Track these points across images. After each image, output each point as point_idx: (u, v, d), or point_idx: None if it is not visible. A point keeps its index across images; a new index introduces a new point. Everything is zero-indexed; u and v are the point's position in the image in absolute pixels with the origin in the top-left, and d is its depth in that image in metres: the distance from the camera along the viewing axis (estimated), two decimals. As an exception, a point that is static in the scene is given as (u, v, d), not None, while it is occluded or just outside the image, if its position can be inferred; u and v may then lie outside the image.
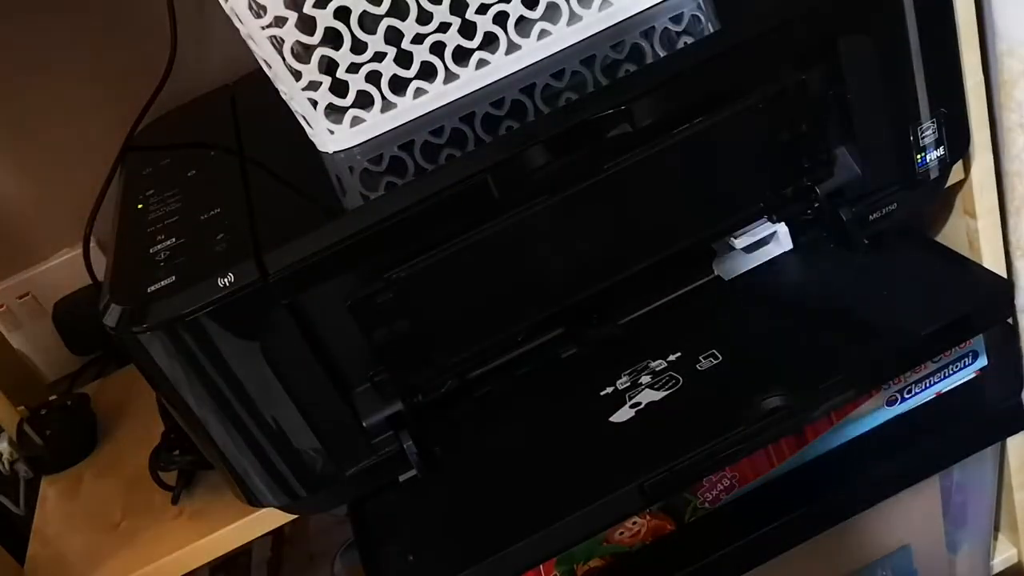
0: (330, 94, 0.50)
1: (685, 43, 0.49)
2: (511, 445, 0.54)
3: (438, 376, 0.55)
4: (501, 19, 0.51)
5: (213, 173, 0.56)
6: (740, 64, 0.50)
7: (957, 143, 0.55)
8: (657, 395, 0.52)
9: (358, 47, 0.49)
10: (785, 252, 0.58)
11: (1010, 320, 0.62)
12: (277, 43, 0.48)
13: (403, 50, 0.50)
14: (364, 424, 0.51)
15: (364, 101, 0.50)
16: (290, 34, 0.48)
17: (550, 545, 0.49)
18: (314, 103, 0.50)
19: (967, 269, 0.58)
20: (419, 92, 0.51)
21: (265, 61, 0.50)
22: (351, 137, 0.51)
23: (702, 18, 0.52)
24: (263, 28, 0.47)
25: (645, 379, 0.54)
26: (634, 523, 0.57)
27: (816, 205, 0.56)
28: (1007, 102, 0.50)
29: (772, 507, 0.57)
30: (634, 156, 0.50)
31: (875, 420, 0.58)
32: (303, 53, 0.49)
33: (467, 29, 0.50)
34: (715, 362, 0.53)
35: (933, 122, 0.54)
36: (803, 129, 0.53)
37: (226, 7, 0.48)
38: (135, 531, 0.61)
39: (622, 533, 0.58)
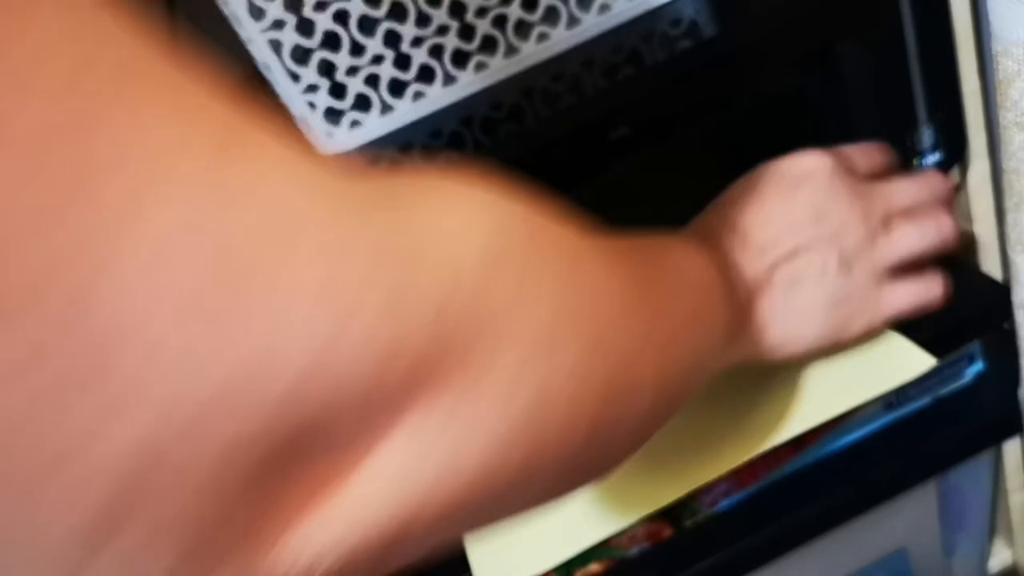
0: (329, 97, 0.50)
1: (684, 47, 0.49)
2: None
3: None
4: (500, 22, 0.51)
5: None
6: (738, 68, 0.50)
7: (954, 148, 0.56)
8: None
9: (357, 50, 0.49)
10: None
11: (1007, 325, 0.62)
12: (276, 46, 0.48)
13: (402, 53, 0.50)
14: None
15: (362, 104, 0.51)
16: (289, 37, 0.48)
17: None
18: (312, 106, 0.50)
19: (963, 274, 0.58)
20: (418, 95, 0.51)
21: (264, 64, 0.50)
22: (349, 140, 0.52)
23: (700, 23, 0.52)
24: (262, 31, 0.47)
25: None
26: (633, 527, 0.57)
27: (814, 209, 0.56)
28: (1003, 101, 0.50)
29: (770, 511, 0.57)
30: (632, 160, 0.50)
31: (872, 424, 0.58)
32: (302, 56, 0.49)
33: (466, 32, 0.50)
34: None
35: (930, 127, 0.54)
36: (800, 133, 0.54)
37: (225, 10, 0.48)
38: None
39: (620, 537, 0.57)
